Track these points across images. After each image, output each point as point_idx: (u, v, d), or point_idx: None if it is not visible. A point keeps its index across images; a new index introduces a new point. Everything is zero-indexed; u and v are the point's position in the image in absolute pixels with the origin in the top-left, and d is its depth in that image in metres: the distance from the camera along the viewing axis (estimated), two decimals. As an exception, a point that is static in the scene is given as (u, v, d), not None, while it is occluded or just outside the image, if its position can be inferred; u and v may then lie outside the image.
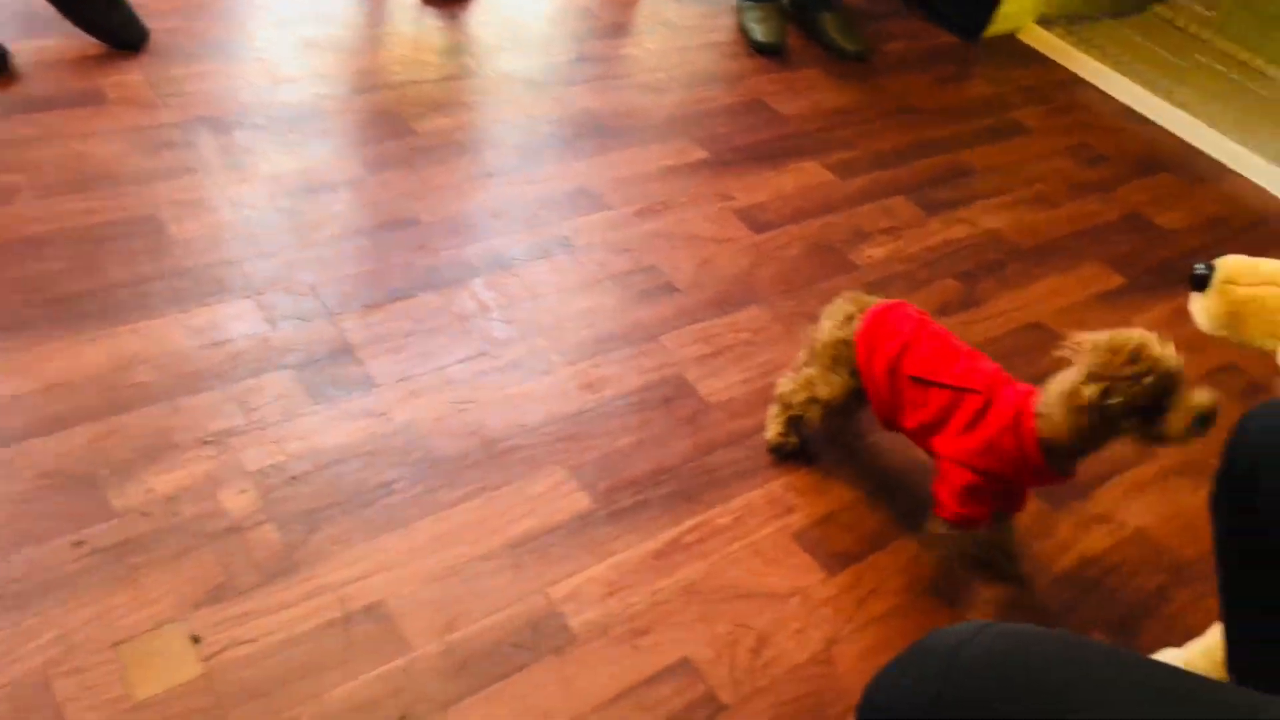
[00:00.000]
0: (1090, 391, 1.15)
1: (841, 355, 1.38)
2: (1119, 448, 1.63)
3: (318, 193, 1.79)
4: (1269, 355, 1.08)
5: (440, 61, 2.21)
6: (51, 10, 1.92)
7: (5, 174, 1.64)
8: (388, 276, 1.66)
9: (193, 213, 1.67)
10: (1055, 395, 1.20)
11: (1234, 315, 1.12)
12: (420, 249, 1.73)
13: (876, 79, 2.56)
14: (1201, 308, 1.15)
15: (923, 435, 1.33)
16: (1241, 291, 1.12)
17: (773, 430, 1.50)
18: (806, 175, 2.15)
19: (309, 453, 1.36)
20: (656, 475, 1.44)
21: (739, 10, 2.65)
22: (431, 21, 2.34)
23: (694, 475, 1.45)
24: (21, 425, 1.30)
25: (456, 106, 2.09)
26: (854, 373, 1.38)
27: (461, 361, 1.54)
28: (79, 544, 1.19)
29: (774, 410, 1.50)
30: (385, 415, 1.44)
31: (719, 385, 1.61)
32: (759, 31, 2.55)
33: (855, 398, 1.40)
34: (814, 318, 1.76)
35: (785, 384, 1.46)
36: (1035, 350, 1.80)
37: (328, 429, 1.40)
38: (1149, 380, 1.14)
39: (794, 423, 1.47)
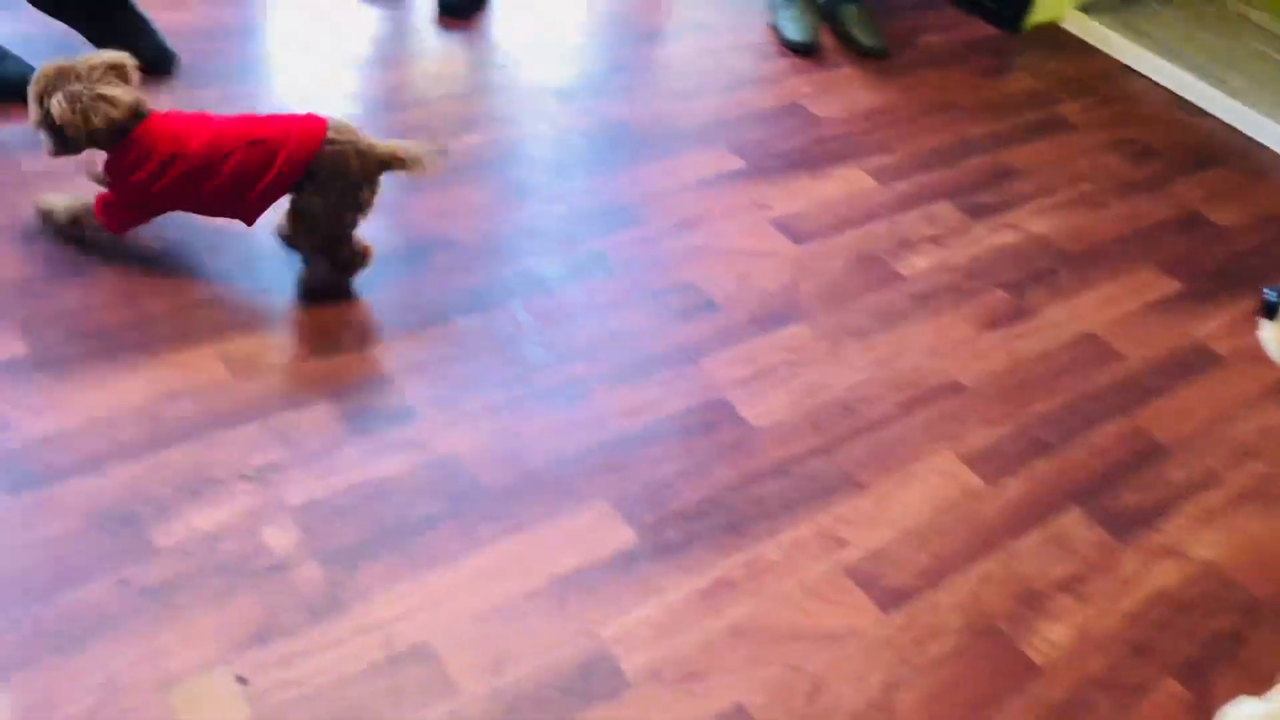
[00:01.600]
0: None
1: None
2: (1182, 473, 1.58)
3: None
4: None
5: (466, 76, 2.17)
6: None
7: None
8: (423, 301, 1.63)
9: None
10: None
11: (1309, 345, 1.07)
12: (457, 271, 1.70)
13: (914, 75, 2.50)
14: (1273, 336, 1.10)
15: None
16: (1317, 319, 1.07)
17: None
18: (847, 181, 2.10)
19: (349, 487, 1.34)
20: (702, 506, 1.40)
21: (772, 9, 2.59)
22: (447, 38, 2.31)
23: (741, 506, 1.42)
24: None
25: (485, 122, 2.06)
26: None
27: (499, 387, 1.51)
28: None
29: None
30: (425, 446, 1.41)
31: (763, 409, 1.57)
32: (792, 30, 2.50)
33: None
34: (861, 333, 1.72)
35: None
36: (1091, 364, 1.75)
37: (367, 461, 1.38)
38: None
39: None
